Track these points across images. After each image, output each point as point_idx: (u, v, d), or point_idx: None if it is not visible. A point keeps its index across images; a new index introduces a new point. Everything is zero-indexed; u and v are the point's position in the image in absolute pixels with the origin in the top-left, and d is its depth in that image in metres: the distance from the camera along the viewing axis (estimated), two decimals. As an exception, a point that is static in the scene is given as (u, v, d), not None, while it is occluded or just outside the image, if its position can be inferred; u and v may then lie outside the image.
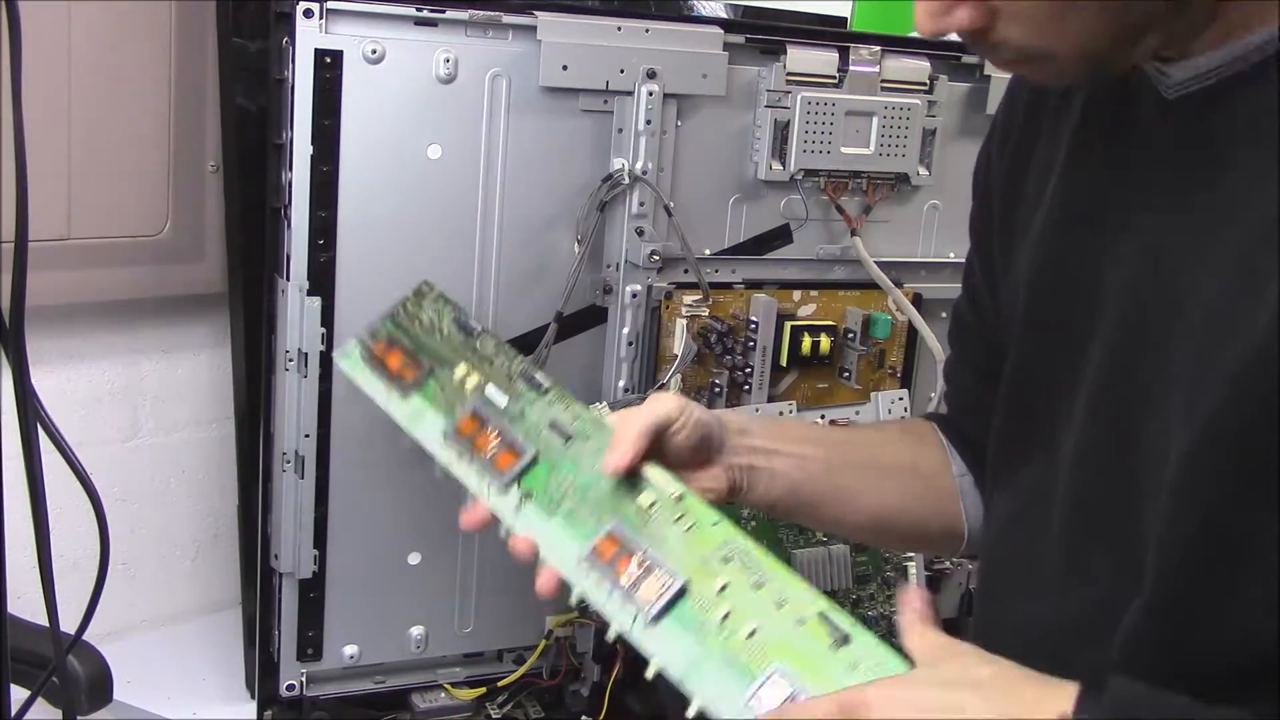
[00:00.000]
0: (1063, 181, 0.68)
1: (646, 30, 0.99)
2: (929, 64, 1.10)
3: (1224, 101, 0.57)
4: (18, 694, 0.78)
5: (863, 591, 1.09)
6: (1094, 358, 0.63)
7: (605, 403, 1.03)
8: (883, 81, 1.08)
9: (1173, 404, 0.57)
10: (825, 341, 1.09)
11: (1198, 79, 0.57)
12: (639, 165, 1.00)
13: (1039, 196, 0.70)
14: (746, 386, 1.08)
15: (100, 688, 0.90)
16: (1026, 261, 0.70)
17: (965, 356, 0.82)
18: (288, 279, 0.94)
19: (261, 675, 1.01)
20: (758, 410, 1.08)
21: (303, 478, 0.97)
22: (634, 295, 1.02)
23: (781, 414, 1.09)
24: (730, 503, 0.71)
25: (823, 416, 1.12)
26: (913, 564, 1.11)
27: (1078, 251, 0.66)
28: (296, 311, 0.94)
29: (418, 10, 0.92)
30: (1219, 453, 0.54)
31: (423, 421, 0.68)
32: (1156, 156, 0.61)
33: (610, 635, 0.61)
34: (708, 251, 1.06)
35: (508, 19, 0.95)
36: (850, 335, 1.12)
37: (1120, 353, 0.62)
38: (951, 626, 1.21)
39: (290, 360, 0.95)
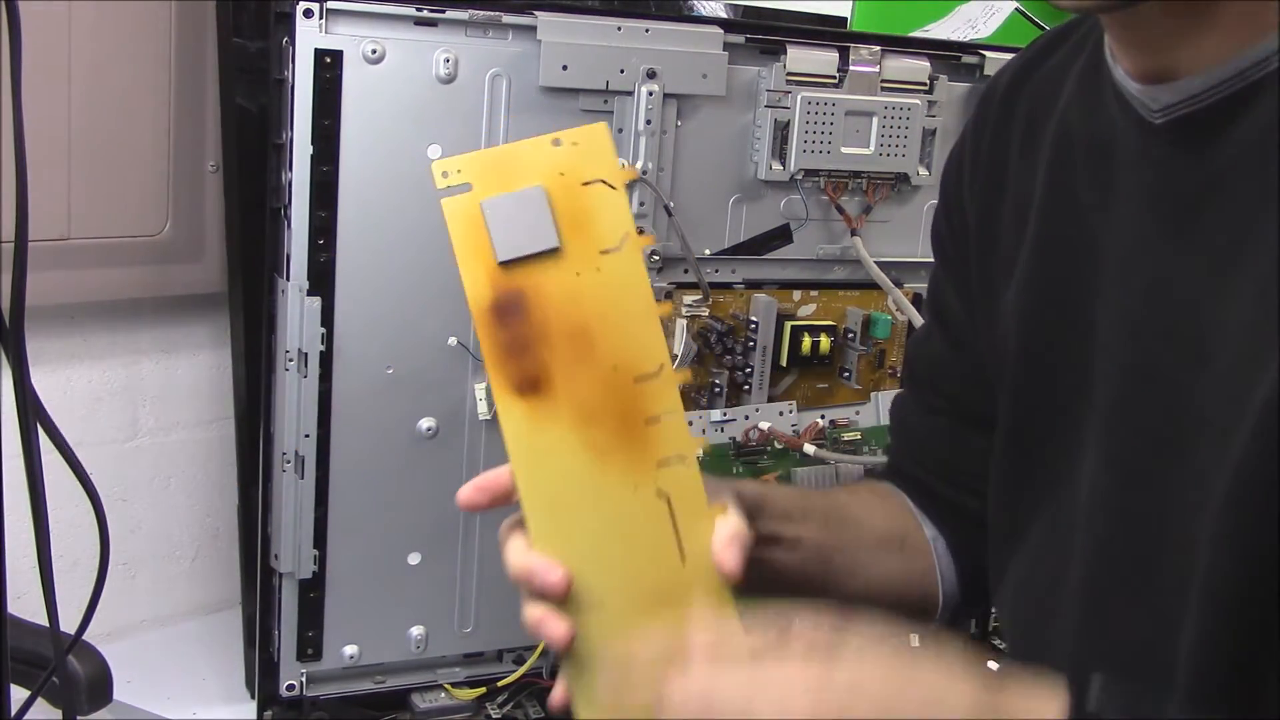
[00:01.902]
0: (1043, 217, 0.63)
1: (646, 30, 0.99)
2: (929, 64, 1.10)
3: (1220, 124, 0.53)
4: (18, 694, 0.78)
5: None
6: (1099, 403, 0.59)
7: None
8: (883, 81, 1.08)
9: (1204, 449, 0.52)
10: (825, 341, 1.09)
11: (1188, 102, 0.54)
12: (639, 165, 1.00)
13: (1019, 234, 0.65)
14: (746, 387, 1.08)
15: (100, 688, 0.90)
16: (1014, 306, 0.65)
17: (936, 400, 0.75)
18: (288, 279, 0.94)
19: (261, 675, 1.01)
20: (758, 410, 1.08)
21: (303, 478, 0.97)
22: (634, 295, 1.02)
23: (781, 414, 1.09)
24: None
25: (823, 417, 1.12)
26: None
27: (1068, 292, 0.61)
28: (296, 311, 0.94)
29: (418, 10, 0.92)
30: (1259, 496, 0.49)
31: None
32: (1147, 186, 0.56)
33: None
34: (708, 251, 1.06)
35: (508, 19, 0.95)
36: (850, 335, 1.12)
37: (1130, 397, 0.57)
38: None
39: (290, 360, 0.95)
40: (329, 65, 0.90)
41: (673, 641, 0.51)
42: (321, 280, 0.94)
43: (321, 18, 0.90)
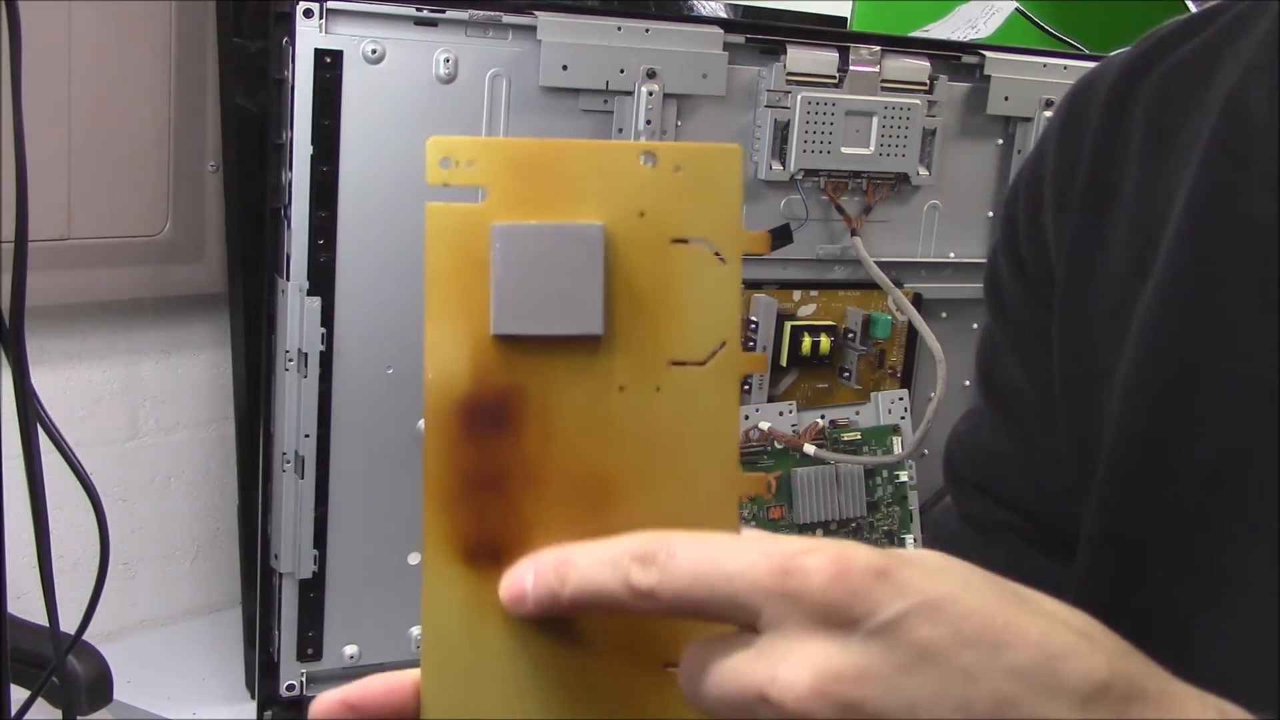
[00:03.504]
0: (1189, 238, 0.47)
1: (646, 30, 0.99)
2: (929, 64, 1.10)
3: None
4: (18, 694, 0.78)
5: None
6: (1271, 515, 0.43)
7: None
8: (883, 81, 1.08)
9: None
10: (825, 341, 1.09)
11: None
12: (639, 165, 1.00)
13: (1141, 266, 0.49)
14: (747, 386, 1.08)
15: (100, 688, 0.90)
16: (1130, 360, 0.49)
17: (991, 512, 0.58)
18: (288, 279, 0.94)
19: (261, 675, 1.01)
20: (758, 410, 1.08)
21: (303, 478, 0.97)
22: (634, 295, 1.02)
23: (781, 414, 1.09)
24: None
25: (823, 417, 1.12)
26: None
27: (1225, 348, 0.45)
28: (296, 311, 0.94)
29: (418, 10, 0.92)
30: None
31: None
32: None
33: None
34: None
35: (508, 19, 0.95)
36: (850, 335, 1.12)
37: None
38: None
39: (290, 360, 0.95)
40: (329, 65, 0.90)
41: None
42: (321, 280, 0.94)
43: (321, 18, 0.90)
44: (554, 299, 0.32)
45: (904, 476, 1.15)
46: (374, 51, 0.92)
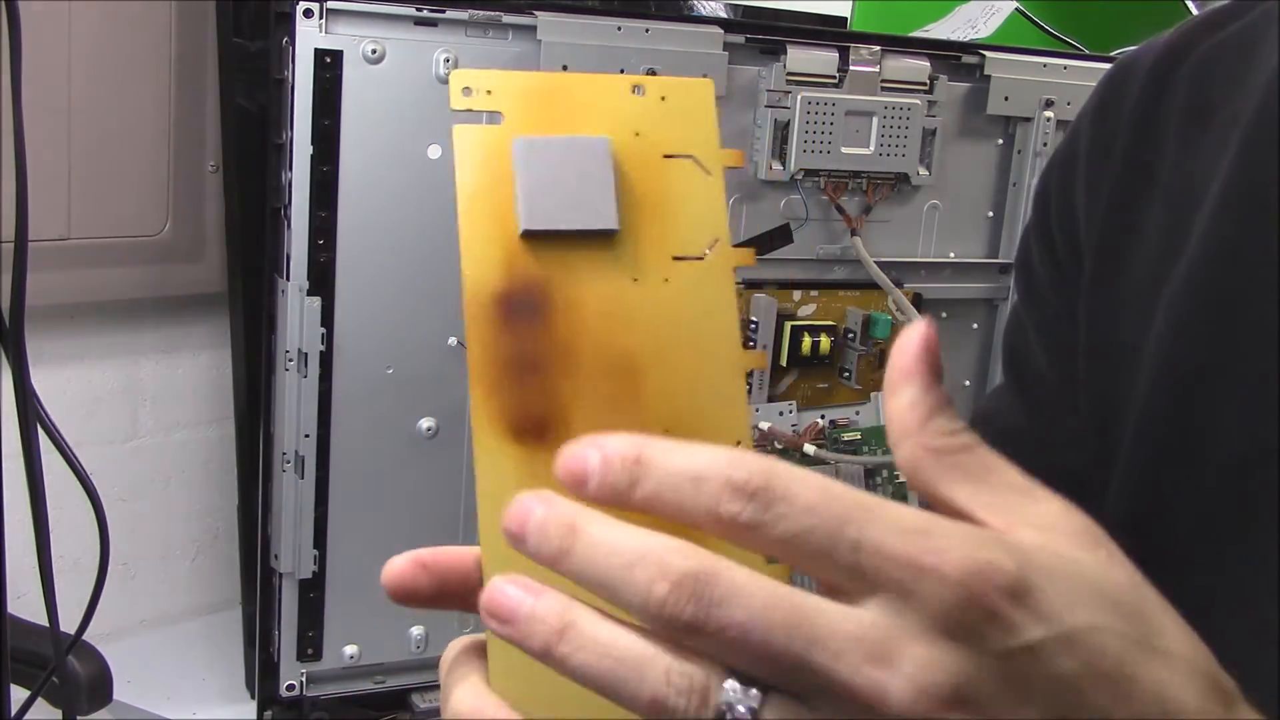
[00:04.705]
0: (1225, 219, 0.46)
1: (646, 30, 0.99)
2: (929, 64, 1.10)
3: None
4: (18, 694, 0.78)
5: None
6: None
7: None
8: (883, 81, 1.08)
9: None
10: (825, 341, 1.09)
11: None
12: (639, 165, 1.00)
13: (1175, 244, 0.49)
14: (747, 386, 1.08)
15: (100, 688, 0.90)
16: (1158, 338, 0.48)
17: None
18: (288, 279, 0.94)
19: (261, 675, 1.01)
20: (757, 410, 1.08)
21: (303, 478, 0.97)
22: (634, 295, 1.02)
23: (781, 414, 1.09)
24: None
25: (823, 417, 1.12)
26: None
27: (1254, 332, 0.44)
28: (296, 311, 0.94)
29: (418, 10, 0.92)
30: None
31: None
32: None
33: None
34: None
35: (508, 19, 0.95)
36: (850, 335, 1.12)
37: None
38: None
39: (290, 360, 0.95)
40: (329, 65, 0.90)
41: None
42: (321, 280, 0.94)
43: (321, 17, 0.90)
44: (574, 199, 0.37)
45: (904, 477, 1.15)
46: (374, 51, 0.92)
